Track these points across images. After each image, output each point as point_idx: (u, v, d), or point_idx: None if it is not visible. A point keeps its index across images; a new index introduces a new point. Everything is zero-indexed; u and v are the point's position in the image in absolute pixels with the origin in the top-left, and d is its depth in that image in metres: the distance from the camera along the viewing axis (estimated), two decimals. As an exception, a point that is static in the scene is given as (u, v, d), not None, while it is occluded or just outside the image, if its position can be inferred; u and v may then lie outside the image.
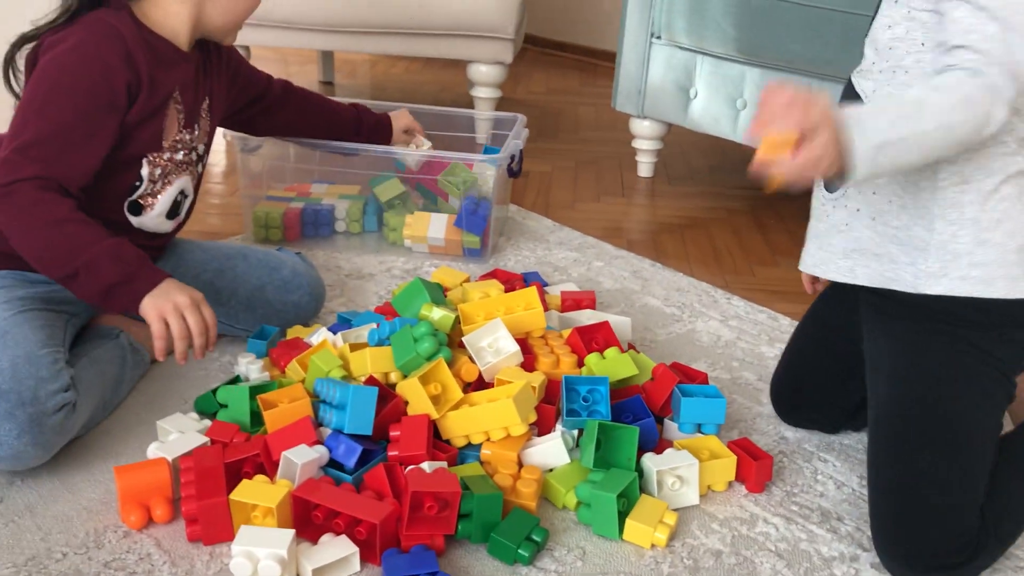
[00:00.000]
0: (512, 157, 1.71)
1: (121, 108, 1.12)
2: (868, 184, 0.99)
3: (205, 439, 1.03)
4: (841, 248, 1.03)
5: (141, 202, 1.20)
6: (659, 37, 2.07)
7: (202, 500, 0.93)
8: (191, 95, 1.23)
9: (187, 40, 1.19)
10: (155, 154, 1.19)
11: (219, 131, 1.40)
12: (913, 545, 0.95)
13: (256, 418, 1.08)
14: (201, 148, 1.29)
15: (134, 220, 1.19)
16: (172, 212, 1.24)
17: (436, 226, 1.70)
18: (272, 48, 3.24)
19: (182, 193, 1.25)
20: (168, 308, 1.04)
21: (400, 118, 1.66)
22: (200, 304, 1.07)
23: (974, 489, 0.95)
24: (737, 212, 2.05)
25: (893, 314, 1.02)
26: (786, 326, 1.50)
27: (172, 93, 1.18)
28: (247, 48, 2.49)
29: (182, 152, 1.23)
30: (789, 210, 2.10)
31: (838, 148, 0.84)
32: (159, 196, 1.21)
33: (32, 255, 1.06)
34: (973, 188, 0.95)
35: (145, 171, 1.18)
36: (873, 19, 1.00)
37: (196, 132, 1.26)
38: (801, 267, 1.10)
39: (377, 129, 1.63)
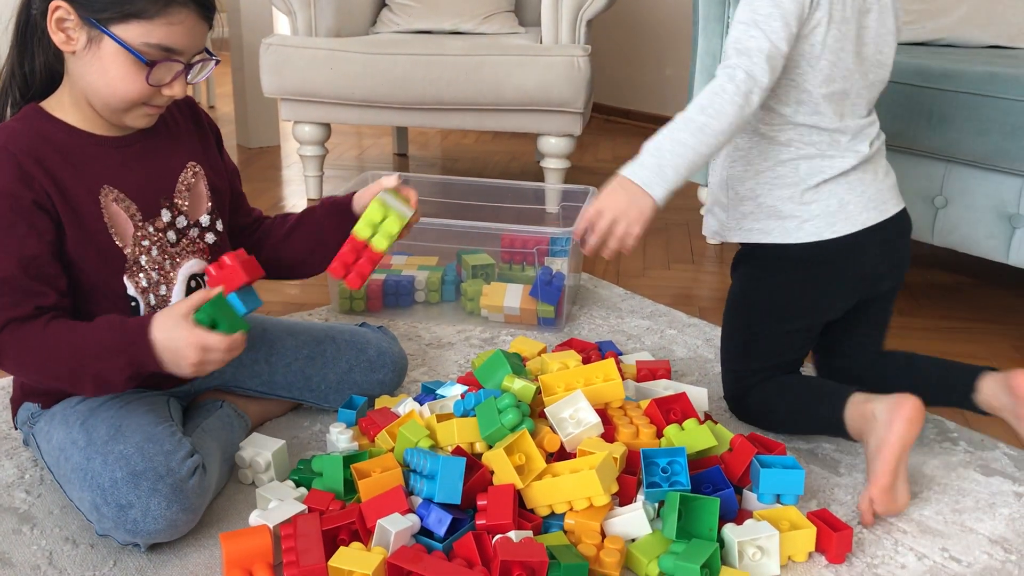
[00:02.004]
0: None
1: (43, 228, 1.05)
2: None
3: (303, 507, 1.08)
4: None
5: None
6: (726, 109, 2.12)
7: (303, 566, 0.98)
8: (140, 177, 1.13)
9: (106, 125, 1.12)
10: (126, 264, 1.12)
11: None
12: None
13: (349, 486, 1.14)
14: (205, 220, 1.19)
15: None
16: None
17: (512, 296, 1.75)
18: (350, 124, 3.38)
19: (196, 277, 1.19)
20: (190, 370, 1.03)
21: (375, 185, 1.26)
22: (203, 350, 1.01)
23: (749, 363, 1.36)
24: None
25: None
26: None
27: (98, 193, 1.09)
28: (327, 126, 2.61)
29: (167, 238, 1.15)
30: (860, 276, 2.11)
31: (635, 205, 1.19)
32: (169, 300, 1.16)
33: (50, 385, 1.12)
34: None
35: (131, 290, 1.13)
36: None
37: (180, 208, 1.17)
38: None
39: (333, 212, 1.31)
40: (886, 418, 1.14)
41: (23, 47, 1.11)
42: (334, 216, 1.29)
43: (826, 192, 1.28)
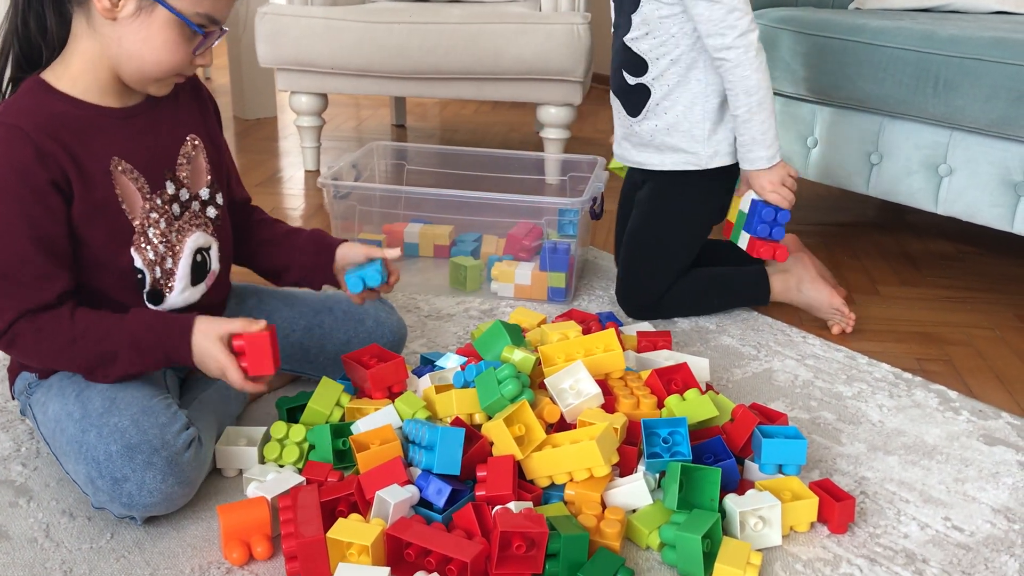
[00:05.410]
0: (594, 199, 1.74)
1: (56, 208, 1.04)
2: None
3: (301, 479, 1.08)
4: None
5: (159, 288, 1.13)
6: (728, 77, 2.09)
7: (301, 538, 0.97)
8: (146, 149, 1.11)
9: (114, 95, 1.10)
10: (135, 237, 1.10)
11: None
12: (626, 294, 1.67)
13: (341, 456, 1.13)
14: (205, 193, 1.18)
15: (160, 308, 1.13)
16: (198, 276, 1.17)
17: (523, 270, 1.73)
18: (347, 94, 3.35)
19: (201, 251, 1.17)
20: (215, 373, 1.08)
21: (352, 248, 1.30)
22: (222, 374, 1.07)
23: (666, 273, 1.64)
24: (811, 248, 2.03)
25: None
26: (864, 364, 1.50)
27: (109, 165, 1.08)
28: (324, 96, 2.58)
29: (171, 211, 1.13)
30: (864, 246, 2.10)
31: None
32: (175, 273, 1.14)
33: (59, 369, 1.11)
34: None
35: (138, 261, 1.11)
36: None
37: (182, 181, 1.15)
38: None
39: (311, 249, 1.32)
40: (799, 267, 1.67)
41: (29, 7, 1.07)
42: (311, 252, 1.30)
43: None
